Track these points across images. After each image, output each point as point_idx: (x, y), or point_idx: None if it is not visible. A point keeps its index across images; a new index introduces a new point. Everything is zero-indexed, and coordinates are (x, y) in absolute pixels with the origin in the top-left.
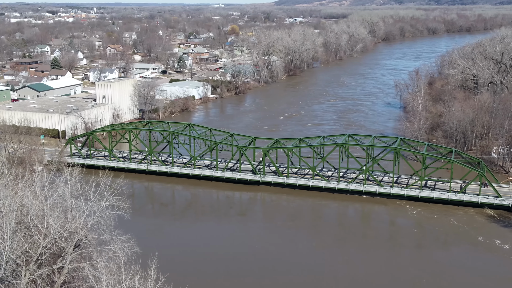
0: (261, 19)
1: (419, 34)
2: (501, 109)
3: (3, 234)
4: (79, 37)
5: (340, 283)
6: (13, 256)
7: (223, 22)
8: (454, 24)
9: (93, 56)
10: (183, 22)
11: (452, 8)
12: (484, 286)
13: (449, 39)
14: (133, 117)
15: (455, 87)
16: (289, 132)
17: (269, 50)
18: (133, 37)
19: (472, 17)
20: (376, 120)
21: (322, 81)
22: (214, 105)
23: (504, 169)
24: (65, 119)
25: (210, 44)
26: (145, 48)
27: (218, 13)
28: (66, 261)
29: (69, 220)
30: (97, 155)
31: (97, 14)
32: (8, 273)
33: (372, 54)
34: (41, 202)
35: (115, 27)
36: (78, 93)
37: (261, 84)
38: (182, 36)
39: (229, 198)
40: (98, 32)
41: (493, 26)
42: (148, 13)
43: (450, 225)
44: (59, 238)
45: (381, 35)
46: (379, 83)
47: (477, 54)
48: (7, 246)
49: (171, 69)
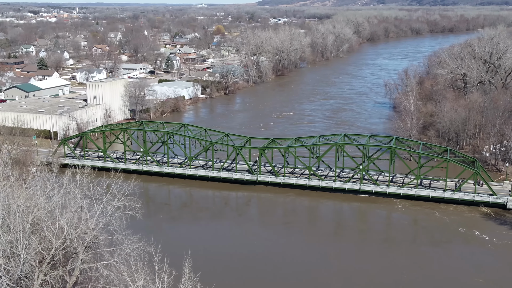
0: (246, 19)
1: (403, 34)
2: (492, 108)
3: (18, 235)
4: (64, 37)
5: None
6: (28, 257)
7: (207, 22)
8: (437, 24)
9: (79, 56)
10: (167, 22)
11: (434, 9)
12: (485, 280)
13: (433, 39)
14: (124, 117)
15: (445, 87)
16: (281, 131)
17: (258, 50)
18: (119, 37)
19: (454, 17)
20: (367, 119)
21: (311, 80)
22: (204, 105)
23: (497, 168)
24: (57, 120)
25: (196, 44)
26: (132, 48)
27: (202, 13)
28: (78, 262)
29: (82, 220)
30: (91, 155)
31: (79, 14)
32: (26, 274)
33: (358, 54)
34: (53, 202)
35: (99, 27)
36: (66, 94)
37: (250, 84)
38: (167, 36)
39: (231, 198)
40: (83, 32)
41: (475, 27)
42: (131, 13)
43: (447, 223)
44: (71, 239)
45: (366, 35)
46: (368, 82)
47: (466, 54)
48: (24, 247)
49: (158, 69)
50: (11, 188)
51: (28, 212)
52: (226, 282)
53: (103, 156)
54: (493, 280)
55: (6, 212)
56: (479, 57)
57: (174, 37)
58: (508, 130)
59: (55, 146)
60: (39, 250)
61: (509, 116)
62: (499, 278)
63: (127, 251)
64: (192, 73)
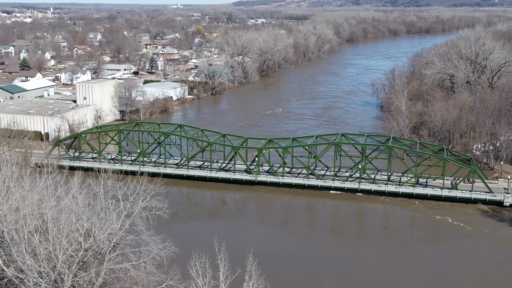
0: (224, 20)
1: (381, 35)
2: (482, 107)
3: (54, 237)
4: (43, 38)
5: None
6: (65, 258)
7: (186, 23)
8: (414, 25)
9: (60, 57)
10: (145, 22)
11: (409, 10)
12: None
13: (410, 40)
14: (114, 118)
15: (433, 86)
16: (274, 129)
17: (243, 50)
18: (98, 37)
19: (430, 18)
20: (356, 117)
21: (298, 79)
22: (192, 105)
23: (489, 166)
24: (48, 121)
25: (177, 45)
26: (114, 49)
27: (179, 14)
28: (104, 263)
29: (109, 221)
30: (85, 157)
31: (54, 14)
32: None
33: (339, 55)
34: (77, 203)
35: (77, 27)
36: (51, 95)
37: (235, 84)
38: (147, 37)
39: (232, 198)
40: (61, 32)
41: (450, 28)
42: (107, 14)
43: (445, 220)
44: (98, 240)
45: (345, 36)
46: (354, 81)
47: (453, 54)
48: (61, 249)
49: (142, 70)
50: (24, 189)
51: (59, 214)
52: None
53: (99, 157)
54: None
55: (38, 214)
56: (466, 58)
57: (154, 38)
58: (500, 129)
59: (47, 148)
60: (70, 252)
61: (498, 115)
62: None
63: (155, 251)
64: (177, 74)
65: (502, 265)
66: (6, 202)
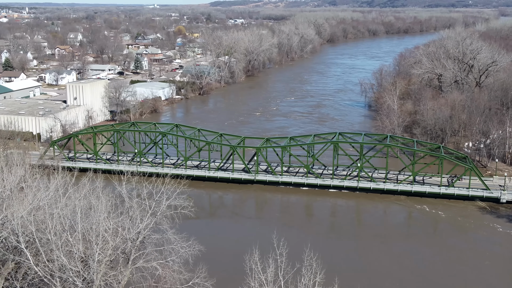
0: (203, 20)
1: (360, 35)
2: (474, 106)
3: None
4: (23, 38)
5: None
6: (101, 257)
7: (166, 23)
8: (393, 26)
9: (42, 57)
10: (125, 22)
11: (385, 11)
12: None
13: (390, 40)
14: (104, 118)
15: (421, 86)
16: (266, 127)
17: (230, 50)
18: (79, 38)
19: (408, 19)
20: (348, 117)
21: (285, 78)
22: (181, 105)
23: (482, 164)
24: (40, 121)
25: (160, 45)
26: (96, 49)
27: (157, 14)
28: (129, 262)
29: (134, 220)
30: (80, 157)
31: (29, 14)
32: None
33: (322, 55)
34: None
35: (56, 27)
36: (37, 95)
37: (222, 84)
38: (128, 37)
39: (231, 197)
40: (41, 33)
41: (428, 28)
42: (84, 13)
43: (444, 216)
44: (125, 239)
45: (326, 37)
46: (341, 80)
47: (442, 54)
48: (98, 250)
49: (127, 70)
50: (39, 190)
51: (88, 214)
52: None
53: (95, 157)
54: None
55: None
56: (454, 57)
57: (136, 38)
58: (493, 127)
59: (40, 148)
60: (99, 251)
61: (489, 114)
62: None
63: (183, 250)
64: (163, 74)
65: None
66: (22, 202)
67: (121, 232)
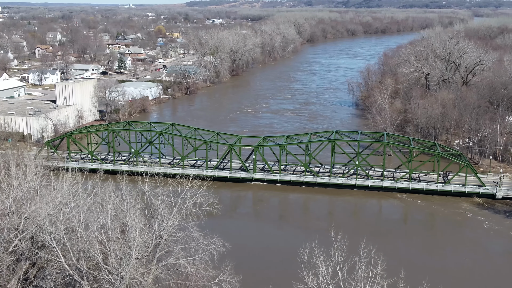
0: (181, 20)
1: (339, 35)
2: (464, 104)
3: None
4: (1, 38)
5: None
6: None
7: (144, 23)
8: (371, 26)
9: (22, 57)
10: (102, 22)
11: (361, 11)
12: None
13: (368, 39)
14: (94, 118)
15: (410, 85)
16: (257, 124)
17: (215, 50)
18: (58, 37)
19: (385, 19)
20: (334, 113)
21: (271, 77)
22: (169, 105)
23: (474, 161)
24: (32, 122)
25: (140, 45)
26: (78, 49)
27: (133, 14)
28: (154, 260)
29: (160, 217)
30: (73, 157)
31: (3, 13)
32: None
33: (303, 54)
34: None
35: (33, 27)
36: (22, 95)
37: (208, 84)
38: (107, 37)
39: (233, 197)
40: (18, 32)
41: (405, 28)
42: (59, 13)
43: (444, 213)
44: (151, 237)
45: (306, 36)
46: (327, 79)
47: (430, 53)
48: (135, 248)
49: (110, 70)
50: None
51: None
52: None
53: (90, 157)
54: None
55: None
56: (441, 56)
57: (116, 38)
58: (485, 125)
59: (33, 149)
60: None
61: (478, 112)
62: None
63: (210, 247)
64: (147, 74)
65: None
66: (44, 202)
67: (149, 230)
